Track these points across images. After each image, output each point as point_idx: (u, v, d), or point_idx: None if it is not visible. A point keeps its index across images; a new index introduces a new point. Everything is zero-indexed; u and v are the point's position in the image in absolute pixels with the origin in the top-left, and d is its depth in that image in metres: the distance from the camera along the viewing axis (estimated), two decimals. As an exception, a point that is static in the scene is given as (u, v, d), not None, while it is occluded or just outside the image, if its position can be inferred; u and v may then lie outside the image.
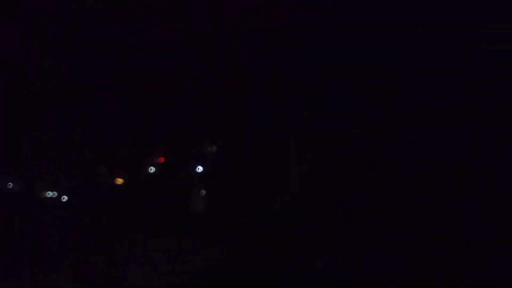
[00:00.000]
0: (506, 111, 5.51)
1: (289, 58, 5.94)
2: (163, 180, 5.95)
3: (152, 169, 5.94)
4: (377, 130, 5.81)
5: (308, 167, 5.96)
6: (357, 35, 5.76)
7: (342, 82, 5.89)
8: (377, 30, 5.73)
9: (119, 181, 5.92)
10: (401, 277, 5.20)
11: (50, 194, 5.86)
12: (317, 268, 5.47)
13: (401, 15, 5.75)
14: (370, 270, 5.34)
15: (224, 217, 5.82)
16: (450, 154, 5.54)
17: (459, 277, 5.05)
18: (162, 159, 6.05)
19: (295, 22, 5.88)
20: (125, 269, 5.63)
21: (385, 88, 5.81)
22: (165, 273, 5.63)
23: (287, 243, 5.62)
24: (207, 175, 5.94)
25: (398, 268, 5.26)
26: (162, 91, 5.90)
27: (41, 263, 5.56)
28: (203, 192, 5.92)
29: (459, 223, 5.33)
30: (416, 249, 5.33)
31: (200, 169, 5.94)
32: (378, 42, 5.75)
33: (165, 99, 5.94)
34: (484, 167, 5.43)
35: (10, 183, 5.86)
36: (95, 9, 5.87)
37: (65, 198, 5.85)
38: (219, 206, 5.88)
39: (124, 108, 5.94)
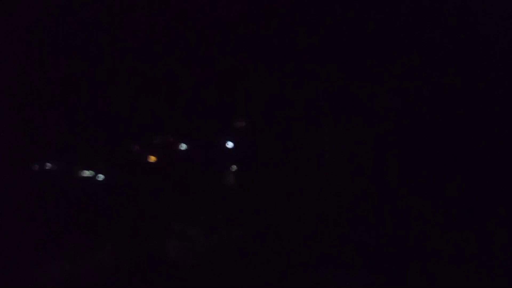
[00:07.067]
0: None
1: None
2: (194, 156, 6.03)
3: (183, 146, 6.01)
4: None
5: (338, 144, 6.02)
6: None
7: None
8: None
9: (152, 158, 6.01)
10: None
11: (87, 173, 6.00)
12: (353, 241, 5.61)
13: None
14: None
15: (255, 191, 5.96)
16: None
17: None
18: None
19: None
20: (161, 244, 5.77)
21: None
22: (200, 247, 5.74)
23: (319, 218, 5.77)
24: (237, 151, 6.03)
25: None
26: (191, 70, 5.93)
27: (80, 240, 5.74)
28: (234, 167, 6.04)
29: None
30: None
31: (230, 144, 6.02)
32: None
33: (195, 82, 5.98)
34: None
35: (48, 163, 5.99)
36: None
37: (100, 177, 5.99)
38: (250, 181, 6.01)
39: (155, 90, 5.98)
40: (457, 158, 5.72)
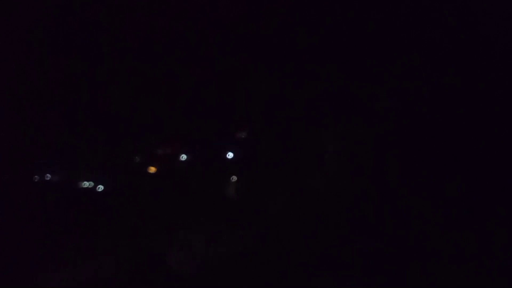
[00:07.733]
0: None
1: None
2: (194, 167, 6.05)
3: (183, 157, 6.02)
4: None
5: (338, 145, 6.03)
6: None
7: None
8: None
9: (152, 169, 6.02)
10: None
11: (86, 184, 6.02)
12: (356, 248, 5.61)
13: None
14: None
15: (256, 202, 5.96)
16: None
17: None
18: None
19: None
20: (162, 256, 5.77)
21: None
22: (201, 258, 5.73)
23: (320, 222, 5.78)
24: (238, 161, 6.03)
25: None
26: (190, 78, 5.92)
27: (80, 252, 5.75)
28: (234, 178, 6.04)
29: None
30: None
31: (230, 155, 6.03)
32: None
33: (195, 87, 5.97)
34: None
35: (48, 174, 6.01)
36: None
37: (100, 188, 6.01)
38: (251, 191, 6.02)
39: (155, 100, 5.97)
40: (458, 159, 5.71)
